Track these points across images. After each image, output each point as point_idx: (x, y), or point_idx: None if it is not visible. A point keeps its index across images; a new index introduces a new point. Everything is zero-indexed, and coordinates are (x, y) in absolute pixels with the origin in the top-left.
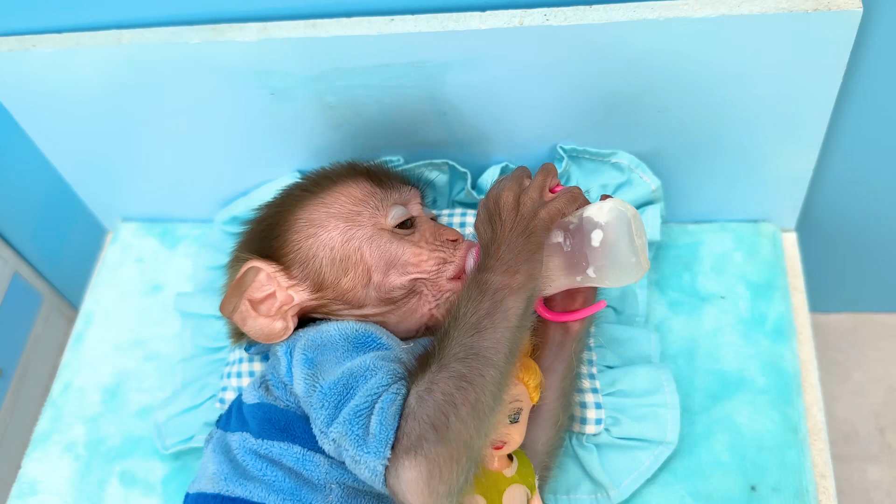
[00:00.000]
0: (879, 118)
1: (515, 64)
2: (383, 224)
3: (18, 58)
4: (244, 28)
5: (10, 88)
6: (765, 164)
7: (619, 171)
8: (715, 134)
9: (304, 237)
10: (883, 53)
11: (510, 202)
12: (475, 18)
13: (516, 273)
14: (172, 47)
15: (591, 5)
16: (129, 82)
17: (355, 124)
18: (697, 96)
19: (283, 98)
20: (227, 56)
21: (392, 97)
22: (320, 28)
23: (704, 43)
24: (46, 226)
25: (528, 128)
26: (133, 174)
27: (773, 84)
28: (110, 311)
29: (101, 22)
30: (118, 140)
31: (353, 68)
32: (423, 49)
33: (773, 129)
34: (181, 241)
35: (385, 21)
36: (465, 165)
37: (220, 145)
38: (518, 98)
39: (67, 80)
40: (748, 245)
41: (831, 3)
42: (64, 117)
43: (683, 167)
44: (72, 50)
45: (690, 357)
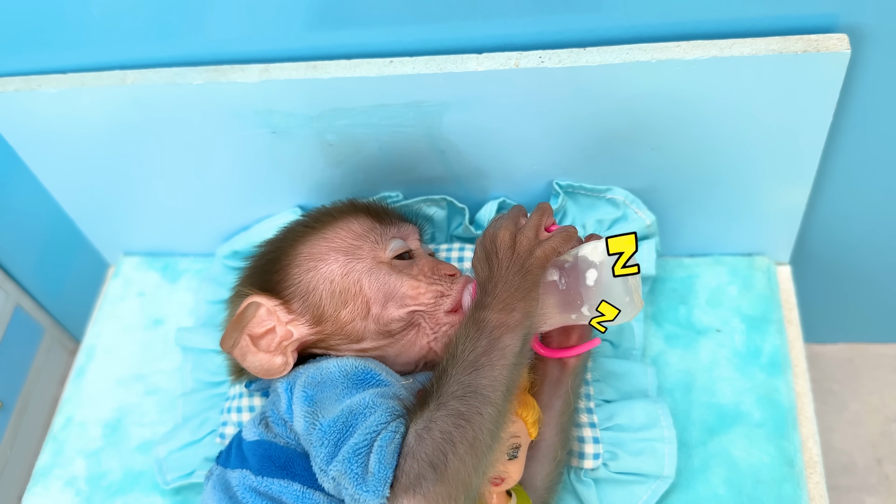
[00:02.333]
0: (869, 154)
1: (512, 104)
2: (382, 257)
3: (24, 97)
4: (246, 69)
5: (15, 127)
6: (758, 200)
7: (614, 207)
8: (709, 170)
9: (304, 270)
10: (872, 91)
11: (507, 241)
12: (472, 60)
13: (513, 311)
14: (176, 88)
15: (584, 48)
16: (132, 121)
17: (355, 161)
18: (691, 134)
19: (284, 136)
20: (230, 96)
21: (391, 135)
22: (321, 69)
23: (697, 83)
24: (48, 259)
25: (525, 164)
26: (135, 209)
27: (765, 122)
28: (112, 345)
29: (106, 62)
30: (121, 176)
31: (352, 108)
32: (421, 90)
33: (766, 165)
34: (182, 275)
35: (384, 63)
36: (462, 201)
37: (222, 181)
38: (514, 136)
39: (72, 118)
40: (743, 278)
41: (820, 46)
42: (67, 154)
43: (678, 202)
44: (76, 90)
45: (687, 390)
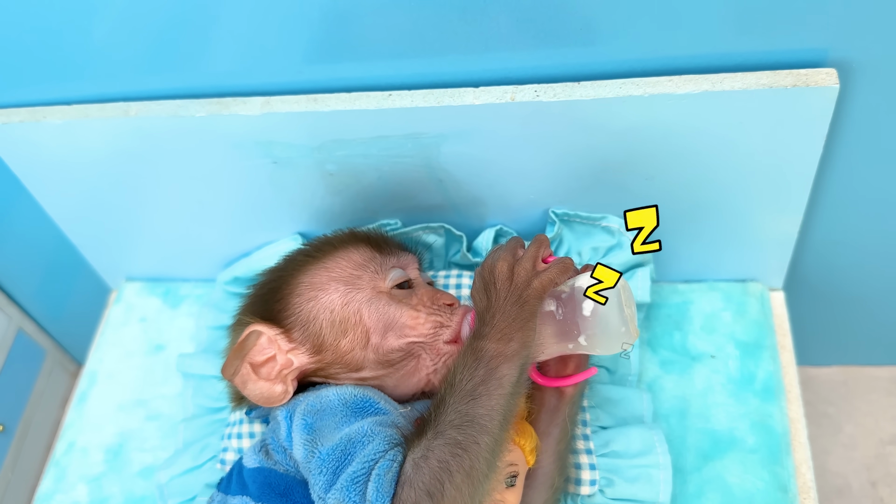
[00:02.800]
0: (860, 183)
1: (508, 135)
2: (382, 287)
3: (29, 128)
4: (248, 102)
5: (20, 157)
6: (751, 228)
7: (609, 235)
8: (702, 199)
9: (305, 300)
10: (861, 123)
11: (505, 272)
12: (469, 94)
13: (510, 341)
14: (179, 120)
15: (578, 82)
16: (135, 151)
17: (355, 190)
18: (684, 165)
19: (285, 166)
20: (232, 128)
21: (390, 165)
22: (321, 102)
23: (689, 117)
24: (50, 283)
25: (521, 193)
26: (137, 235)
27: (756, 153)
28: (113, 370)
29: (109, 94)
30: (123, 203)
31: (352, 139)
32: (419, 122)
33: (759, 195)
34: (184, 300)
35: (383, 96)
36: (460, 228)
37: (223, 208)
38: (511, 166)
39: (76, 149)
40: (737, 305)
41: (809, 80)
42: (71, 183)
43: (672, 230)
44: (81, 121)
45: (682, 416)
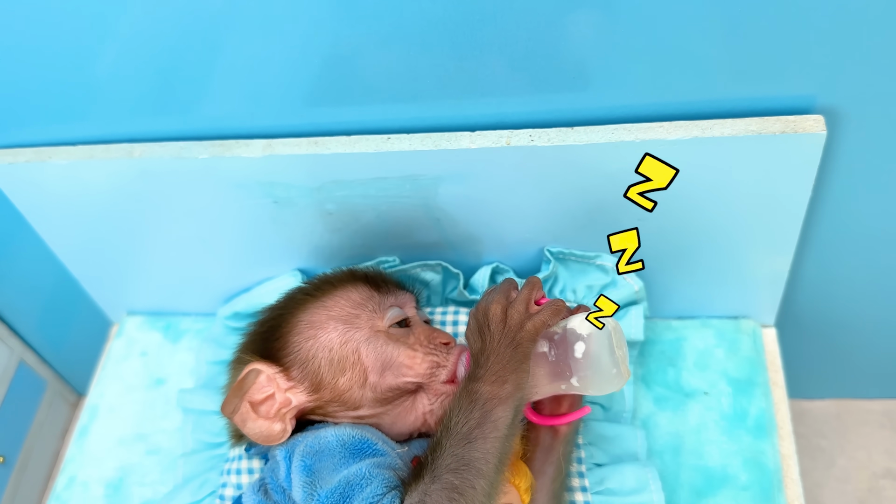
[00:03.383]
0: (848, 224)
1: (503, 178)
2: (380, 326)
3: (35, 168)
4: (250, 144)
5: (25, 195)
6: (743, 266)
7: (603, 273)
8: (694, 238)
9: (304, 339)
10: (848, 168)
11: (498, 314)
12: (465, 138)
13: (505, 383)
14: (182, 161)
15: (572, 127)
16: (139, 191)
17: (353, 228)
18: (676, 206)
19: (285, 205)
20: (234, 169)
21: (388, 205)
22: (322, 145)
23: (680, 161)
24: (52, 316)
25: (517, 232)
26: (139, 270)
27: (747, 196)
28: (114, 404)
29: (114, 136)
30: (126, 239)
31: (352, 180)
32: (417, 164)
33: (750, 235)
34: (184, 334)
35: (382, 139)
36: (457, 266)
37: (224, 245)
38: (506, 206)
39: (80, 188)
40: (729, 341)
41: (797, 127)
42: (74, 220)
43: (665, 268)
44: (85, 162)
45: (676, 453)
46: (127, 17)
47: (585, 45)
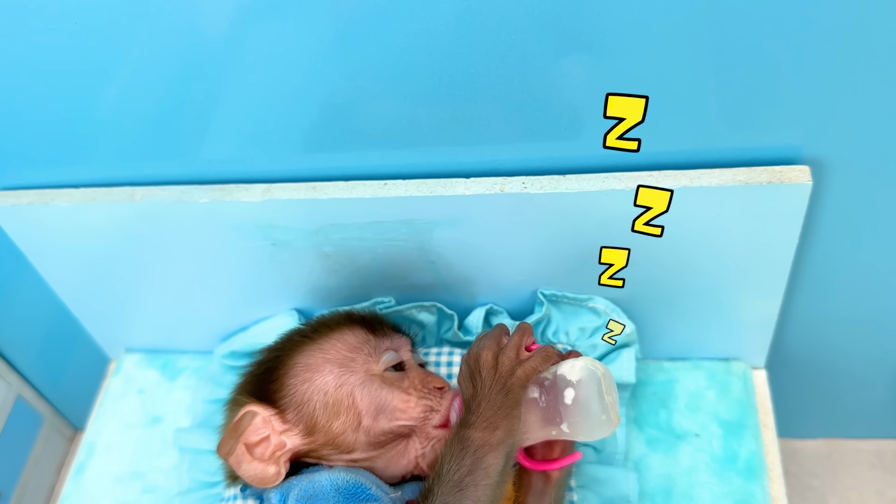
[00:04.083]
0: (836, 269)
1: (497, 222)
2: (375, 370)
3: (38, 210)
4: (250, 189)
5: (27, 237)
6: (733, 309)
7: (595, 315)
8: (685, 282)
9: (300, 381)
10: (835, 216)
11: (489, 361)
12: (460, 185)
13: (496, 429)
14: (182, 205)
15: (564, 175)
16: (139, 234)
17: (350, 270)
18: (666, 252)
19: (283, 248)
20: (234, 213)
21: (385, 248)
22: (320, 190)
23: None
24: (50, 352)
25: (511, 274)
26: (137, 309)
27: (735, 243)
28: (111, 442)
29: (116, 178)
30: (125, 279)
31: (349, 224)
32: (413, 209)
33: (739, 279)
34: (181, 372)
35: (379, 185)
36: (451, 307)
37: (222, 285)
38: (500, 250)
39: (82, 230)
40: (720, 383)
41: (783, 177)
42: (75, 260)
43: (656, 310)
44: (87, 204)
45: (667, 495)
46: (129, 63)
47: (577, 95)
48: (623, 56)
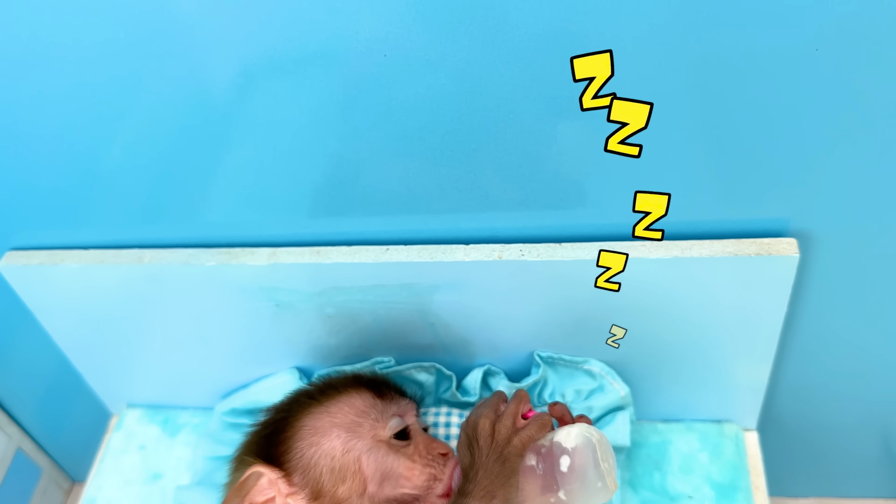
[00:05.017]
0: (824, 334)
1: (495, 287)
2: (381, 436)
3: (47, 270)
4: (256, 252)
5: (36, 295)
6: (725, 373)
7: (591, 378)
8: (677, 347)
9: (307, 445)
10: (822, 286)
11: (486, 429)
12: (460, 251)
13: (493, 498)
14: (189, 268)
15: (560, 243)
16: (146, 294)
17: (351, 330)
18: (659, 318)
19: (286, 309)
20: (239, 276)
21: (386, 310)
22: (324, 255)
23: (661, 278)
24: (52, 406)
25: (508, 337)
26: (140, 365)
27: (726, 311)
28: (112, 498)
29: (124, 241)
30: (129, 336)
31: (351, 287)
32: (414, 274)
33: (730, 345)
34: (182, 428)
35: (381, 250)
36: (450, 367)
37: (225, 343)
38: (498, 313)
39: (90, 290)
40: (713, 445)
41: (771, 249)
42: (81, 318)
43: (650, 373)
44: (96, 266)
45: None
46: (136, 128)
47: (574, 168)
48: None
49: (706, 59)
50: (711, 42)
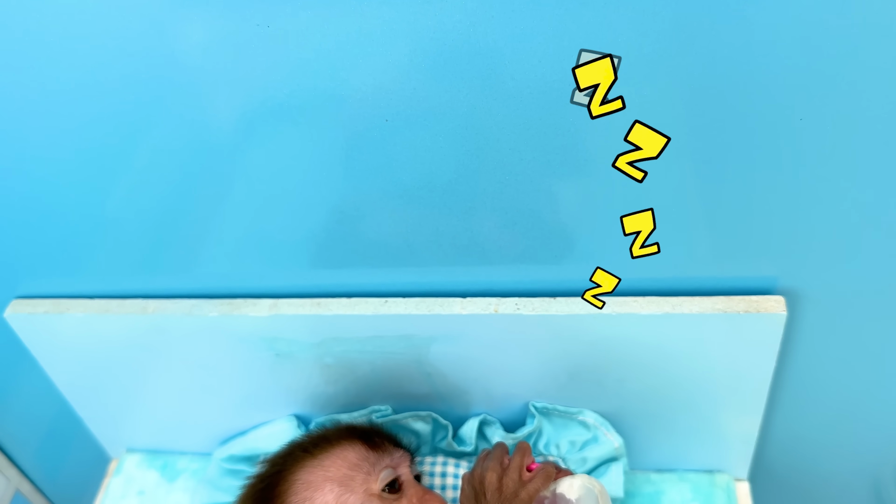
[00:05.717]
0: (812, 387)
1: (491, 339)
2: (373, 489)
3: (53, 319)
4: (257, 303)
5: (41, 343)
6: (716, 425)
7: (585, 429)
8: (670, 398)
9: (300, 500)
10: (809, 342)
11: (494, 482)
12: (457, 304)
13: None
14: (193, 318)
15: (554, 297)
16: (149, 343)
17: (349, 380)
18: (651, 371)
19: (286, 358)
20: (241, 326)
21: (383, 360)
22: (324, 307)
23: (653, 333)
24: (51, 448)
25: (504, 387)
26: (140, 411)
27: (716, 365)
28: None
29: (128, 290)
30: (131, 383)
31: (350, 338)
32: (411, 326)
33: (721, 397)
34: (181, 474)
35: (380, 302)
36: (446, 416)
37: (224, 390)
38: (494, 364)
39: (94, 339)
40: (705, 495)
41: (760, 307)
42: (85, 365)
43: (644, 424)
44: (101, 315)
45: None
46: (140, 182)
47: (569, 226)
48: (611, 193)
49: (701, 121)
50: (705, 106)
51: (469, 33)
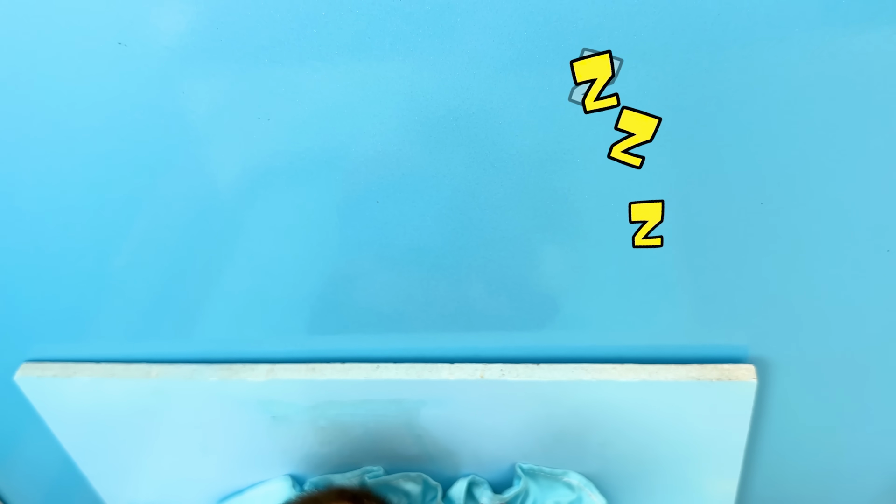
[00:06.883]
0: (785, 451)
1: (478, 404)
2: None
3: (60, 383)
4: (255, 369)
5: (49, 406)
6: (696, 487)
7: (570, 490)
8: (650, 462)
9: None
10: (780, 408)
11: None
12: (445, 370)
13: None
14: (193, 382)
15: (538, 364)
16: (152, 406)
17: (343, 441)
18: (632, 435)
19: (281, 421)
20: (239, 390)
21: (375, 423)
22: (318, 372)
23: (631, 399)
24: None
25: (491, 449)
26: (142, 470)
27: (691, 431)
28: None
29: (132, 354)
30: (133, 443)
31: (343, 401)
32: (402, 390)
33: (698, 462)
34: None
35: (372, 368)
36: (436, 477)
37: (222, 450)
38: (481, 427)
39: (100, 402)
40: None
41: (731, 375)
42: (90, 427)
43: (626, 485)
44: (107, 379)
45: None
46: (140, 249)
47: (552, 295)
48: (594, 265)
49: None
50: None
51: (459, 101)
